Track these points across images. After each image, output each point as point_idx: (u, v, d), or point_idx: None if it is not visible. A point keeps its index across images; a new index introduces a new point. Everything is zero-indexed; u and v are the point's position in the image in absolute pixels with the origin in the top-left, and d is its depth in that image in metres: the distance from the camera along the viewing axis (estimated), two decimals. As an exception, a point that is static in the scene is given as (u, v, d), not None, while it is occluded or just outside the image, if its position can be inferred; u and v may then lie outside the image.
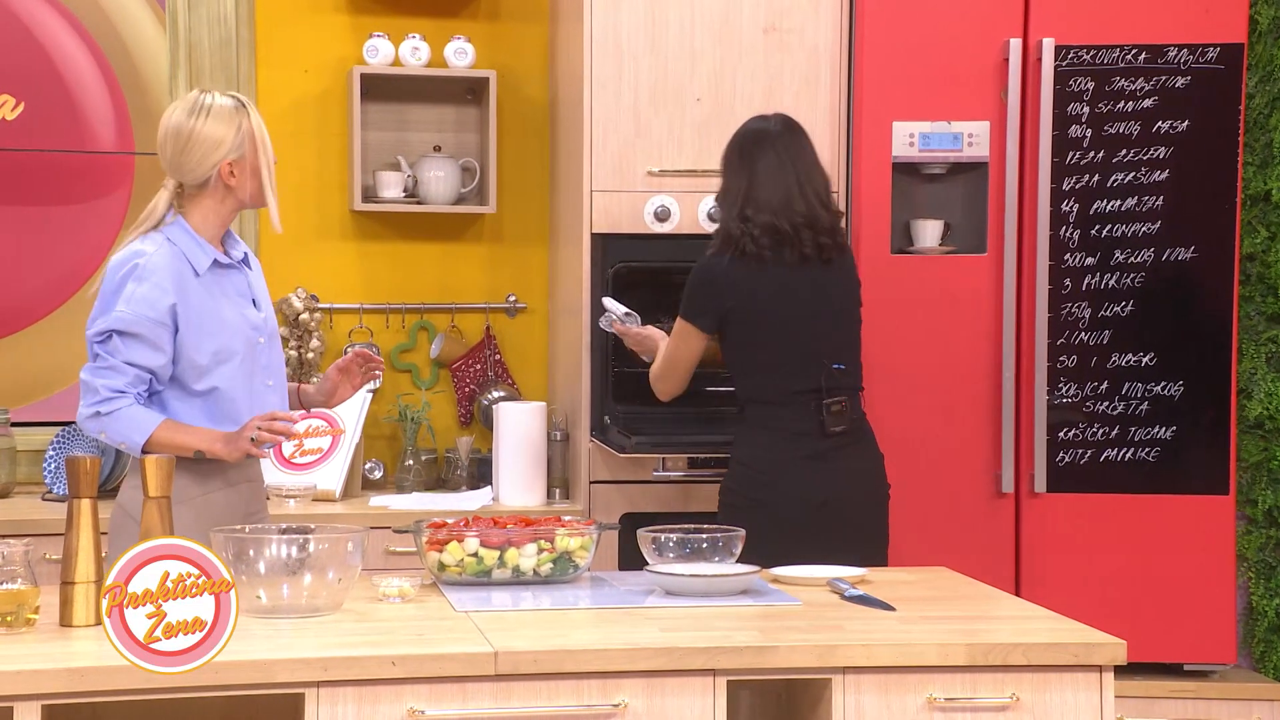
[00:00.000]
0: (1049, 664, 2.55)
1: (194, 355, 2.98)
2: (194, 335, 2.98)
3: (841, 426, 3.46)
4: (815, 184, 3.50)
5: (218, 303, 3.03)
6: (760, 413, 3.49)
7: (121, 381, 2.94)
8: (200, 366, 2.99)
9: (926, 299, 4.08)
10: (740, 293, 3.46)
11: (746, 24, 4.11)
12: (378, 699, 2.40)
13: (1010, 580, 4.03)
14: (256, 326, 3.09)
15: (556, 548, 2.94)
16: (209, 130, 2.99)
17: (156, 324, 2.94)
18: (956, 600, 2.95)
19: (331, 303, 4.49)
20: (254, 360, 3.07)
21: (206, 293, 3.01)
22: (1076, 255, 4.06)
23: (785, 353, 3.47)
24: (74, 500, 2.60)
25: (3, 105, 4.35)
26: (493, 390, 4.46)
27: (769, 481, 3.43)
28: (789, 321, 3.47)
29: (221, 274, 3.06)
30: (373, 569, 3.08)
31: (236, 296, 3.08)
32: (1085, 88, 4.04)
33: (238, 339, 3.04)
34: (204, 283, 3.01)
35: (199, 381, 3.00)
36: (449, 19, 4.50)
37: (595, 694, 2.46)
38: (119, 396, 2.94)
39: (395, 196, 4.41)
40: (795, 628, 2.64)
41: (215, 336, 3.00)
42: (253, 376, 3.07)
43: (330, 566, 2.65)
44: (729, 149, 3.55)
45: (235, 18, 4.34)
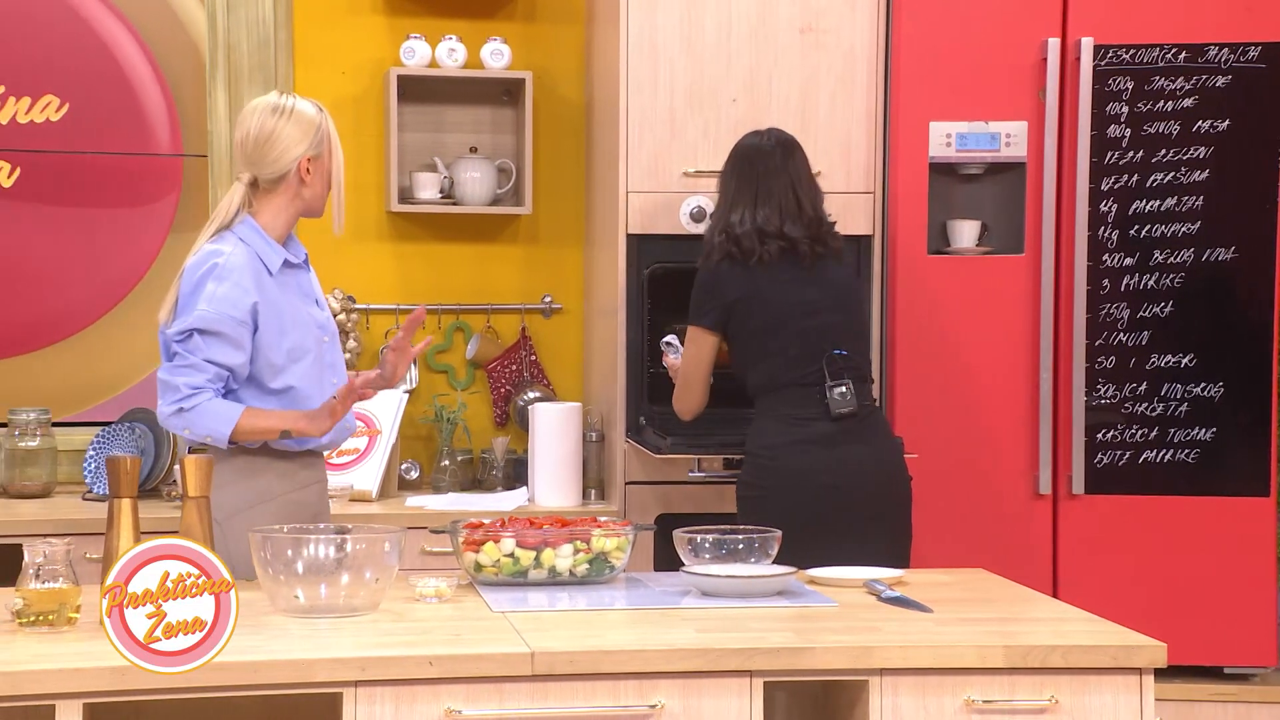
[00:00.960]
0: (1088, 666, 2.54)
1: (271, 354, 3.04)
2: (272, 334, 3.04)
3: (847, 409, 3.48)
4: (801, 196, 3.58)
5: (291, 301, 3.10)
6: (767, 402, 3.56)
7: (201, 379, 2.98)
8: (276, 365, 3.05)
9: (963, 300, 4.07)
10: (737, 288, 3.55)
11: (782, 24, 4.10)
12: (415, 699, 2.40)
13: (1048, 582, 4.01)
14: (322, 325, 3.16)
15: (592, 548, 2.94)
16: (293, 126, 3.07)
17: (238, 323, 2.99)
18: (994, 602, 2.94)
19: (368, 303, 4.50)
20: (322, 359, 3.13)
21: (280, 291, 3.07)
22: (1115, 256, 4.04)
23: (786, 340, 3.53)
24: (114, 500, 2.62)
25: (46, 106, 4.37)
26: (528, 391, 4.47)
27: (777, 467, 3.48)
28: (786, 310, 3.53)
29: (290, 274, 3.13)
30: (409, 569, 3.08)
31: (303, 296, 3.15)
32: (1124, 87, 4.02)
33: (309, 338, 3.11)
34: (277, 282, 3.08)
35: (275, 380, 3.06)
36: (485, 20, 4.51)
37: (632, 694, 2.46)
38: (198, 392, 2.97)
39: (431, 198, 4.42)
40: (832, 629, 2.64)
41: (290, 335, 3.07)
42: (322, 375, 3.13)
43: (368, 566, 2.66)
44: (724, 165, 3.66)
45: (274, 19, 4.37)
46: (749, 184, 3.58)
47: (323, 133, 3.11)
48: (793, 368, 3.53)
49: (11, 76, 4.37)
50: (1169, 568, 4.03)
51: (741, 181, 3.59)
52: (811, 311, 3.53)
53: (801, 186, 3.58)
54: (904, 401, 4.01)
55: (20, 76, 4.37)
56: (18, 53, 4.38)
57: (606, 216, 4.25)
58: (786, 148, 3.61)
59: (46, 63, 4.39)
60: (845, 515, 3.44)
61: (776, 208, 3.55)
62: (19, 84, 4.37)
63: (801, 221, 3.55)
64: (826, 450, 3.48)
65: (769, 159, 3.58)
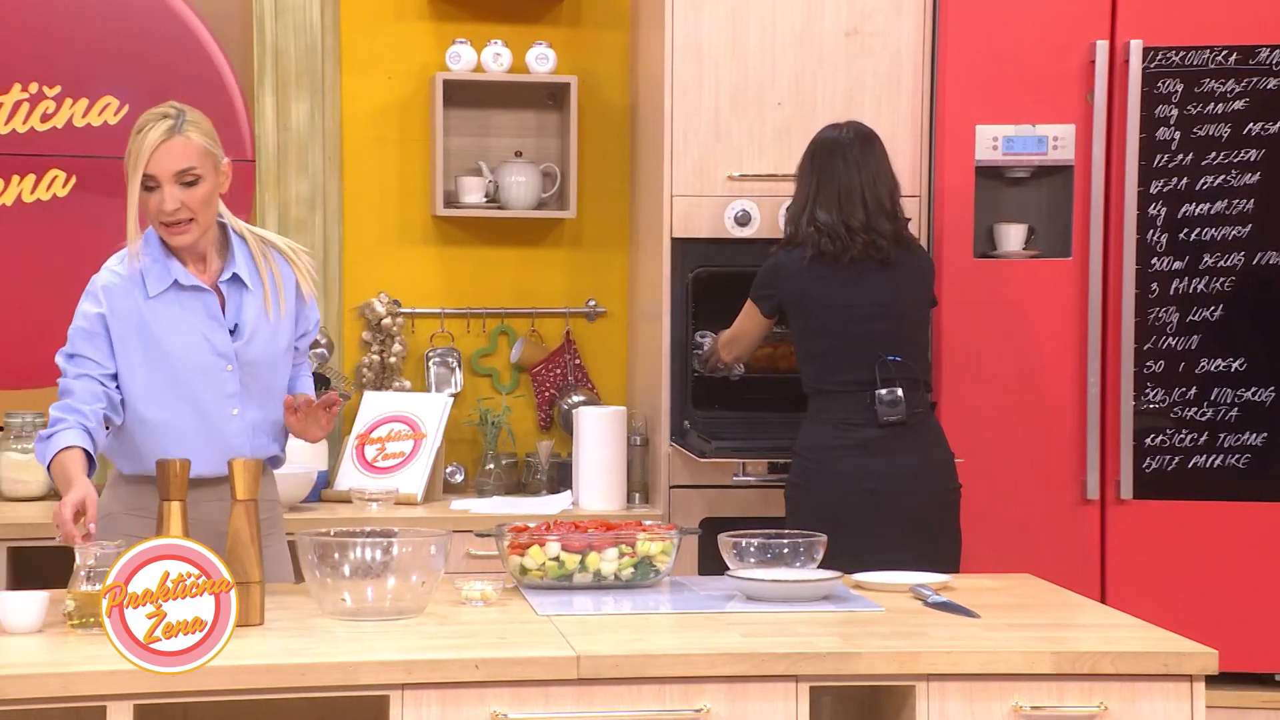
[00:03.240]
0: (1138, 673, 2.52)
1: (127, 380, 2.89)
2: (127, 359, 2.87)
3: (895, 417, 3.47)
4: (879, 190, 3.58)
5: (172, 328, 2.89)
6: (818, 403, 3.58)
7: (65, 403, 2.83)
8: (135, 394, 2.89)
9: (1010, 303, 4.04)
10: (798, 286, 3.57)
11: (828, 27, 4.09)
12: (461, 702, 2.41)
13: (1096, 588, 3.98)
14: (223, 353, 2.91)
15: (637, 552, 2.94)
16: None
17: (89, 333, 2.87)
18: (1042, 607, 2.92)
19: (413, 307, 4.52)
20: (222, 389, 2.92)
21: (157, 314, 2.89)
22: (1164, 259, 4.01)
23: (839, 343, 3.53)
24: (164, 503, 2.63)
25: (105, 108, 4.38)
26: (572, 394, 4.47)
27: (818, 469, 3.50)
28: (843, 314, 3.53)
29: (184, 296, 2.90)
30: (454, 572, 3.09)
31: (203, 320, 2.91)
32: (1174, 89, 3.98)
33: (190, 366, 2.89)
34: (160, 303, 2.89)
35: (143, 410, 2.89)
36: (531, 25, 4.52)
37: (677, 699, 2.46)
38: (57, 423, 2.81)
39: (476, 202, 4.43)
40: (878, 634, 2.62)
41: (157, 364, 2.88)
42: (217, 406, 2.91)
43: (414, 569, 2.66)
44: (803, 156, 3.66)
45: (320, 25, 4.39)
46: (830, 179, 3.57)
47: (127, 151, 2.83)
48: (843, 370, 3.53)
49: (69, 77, 4.33)
50: (1218, 574, 4.00)
51: (823, 176, 3.58)
52: (867, 317, 3.53)
53: (881, 181, 3.58)
54: (950, 406, 3.99)
55: (78, 77, 4.33)
56: (75, 52, 4.33)
57: (651, 220, 4.25)
58: (866, 140, 3.60)
59: (105, 62, 4.34)
60: (884, 521, 3.44)
61: (859, 203, 3.55)
62: (77, 85, 4.33)
63: (884, 216, 3.56)
64: (869, 456, 3.47)
65: (848, 151, 3.58)
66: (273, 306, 2.95)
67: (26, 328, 4.31)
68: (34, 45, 4.34)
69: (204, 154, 2.85)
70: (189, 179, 2.83)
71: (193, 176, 2.83)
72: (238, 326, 2.93)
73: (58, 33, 4.35)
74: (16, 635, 2.52)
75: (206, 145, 2.86)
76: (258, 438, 2.97)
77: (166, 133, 2.81)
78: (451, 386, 4.48)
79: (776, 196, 4.05)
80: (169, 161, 2.81)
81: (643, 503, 4.23)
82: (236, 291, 2.94)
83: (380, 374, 4.43)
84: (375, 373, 4.43)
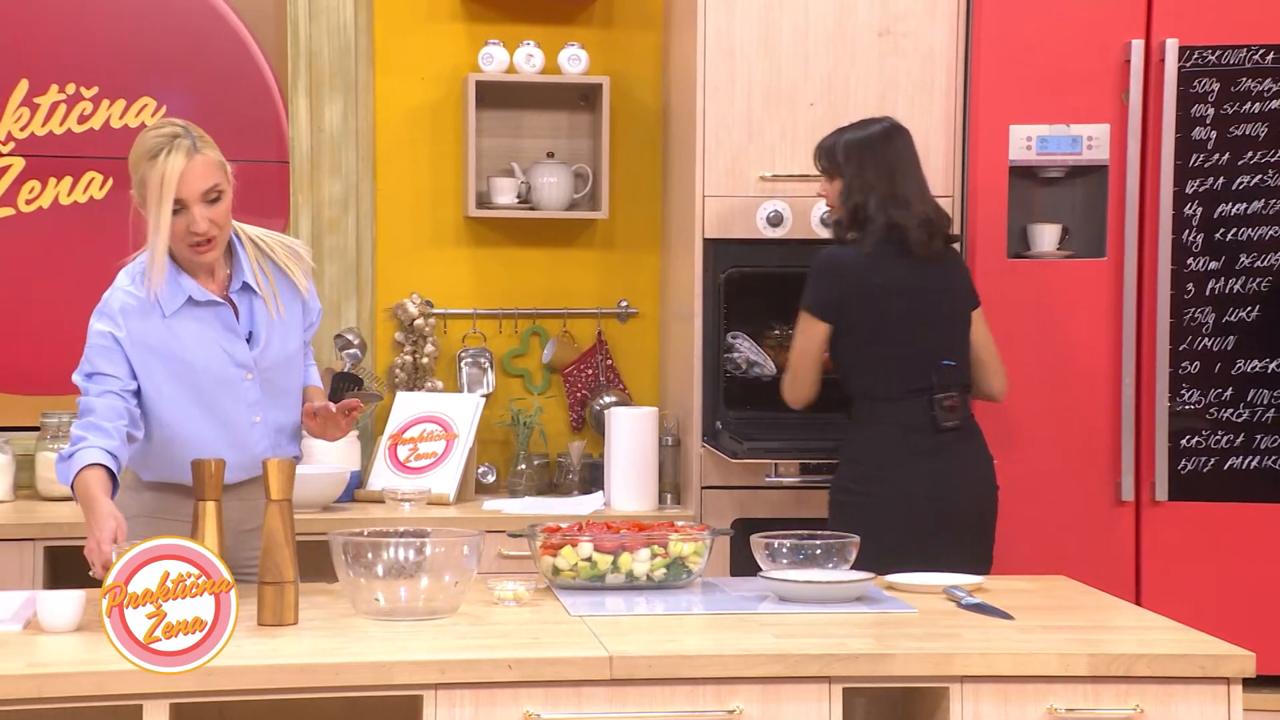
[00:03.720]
0: (1174, 675, 2.50)
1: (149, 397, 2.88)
2: (149, 378, 2.86)
3: (953, 422, 3.47)
4: (926, 186, 3.58)
5: (188, 343, 2.88)
6: (872, 409, 3.51)
7: (86, 420, 2.82)
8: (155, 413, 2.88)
9: (1043, 304, 4.03)
10: (859, 283, 3.50)
11: (861, 27, 4.08)
12: (494, 701, 2.41)
13: (1131, 590, 3.96)
14: (243, 364, 2.91)
15: (670, 553, 2.94)
16: (132, 152, 2.90)
17: (106, 349, 2.85)
18: (1077, 609, 2.90)
19: (446, 308, 4.53)
20: (245, 397, 2.92)
21: (173, 332, 2.88)
22: (1200, 259, 3.98)
23: (899, 348, 3.49)
24: (199, 503, 2.65)
25: (143, 109, 4.41)
26: (604, 395, 4.48)
27: (884, 477, 3.45)
28: (904, 316, 3.50)
29: (199, 310, 2.90)
30: (486, 573, 3.10)
31: (220, 333, 2.91)
32: (1210, 89, 3.96)
33: (209, 378, 2.89)
34: (174, 322, 2.88)
35: (159, 424, 2.88)
36: (563, 26, 4.52)
37: (710, 699, 2.46)
38: (78, 442, 2.80)
39: (509, 203, 4.44)
40: (912, 635, 2.61)
41: (177, 378, 2.88)
42: (238, 414, 2.92)
43: (447, 569, 2.67)
44: (852, 146, 3.56)
45: (354, 26, 4.40)
46: (893, 167, 3.50)
47: (141, 175, 2.82)
48: (903, 376, 3.48)
49: (107, 78, 4.34)
50: (1255, 576, 3.97)
51: (882, 164, 3.50)
52: (925, 319, 3.50)
53: (923, 177, 3.57)
54: (984, 407, 3.96)
55: (116, 78, 4.33)
56: (113, 53, 4.33)
57: (683, 221, 4.25)
58: (906, 134, 3.58)
59: (144, 63, 4.34)
60: (944, 528, 3.43)
61: (921, 194, 3.52)
62: (115, 86, 4.34)
63: (928, 215, 3.52)
64: (932, 462, 3.45)
65: (903, 141, 3.54)
66: (274, 308, 2.95)
67: (63, 332, 4.31)
68: (72, 46, 4.34)
69: (221, 168, 2.86)
70: (213, 196, 2.83)
71: (216, 193, 2.84)
72: (253, 334, 2.93)
73: (96, 33, 4.35)
74: (54, 634, 2.54)
75: (220, 158, 2.87)
76: (279, 441, 2.98)
77: (188, 154, 2.79)
78: (484, 387, 4.49)
79: (809, 197, 4.04)
80: (195, 183, 2.80)
81: (674, 503, 4.22)
82: (247, 300, 2.94)
83: (413, 374, 4.45)
84: (408, 373, 4.44)
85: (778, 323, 4.27)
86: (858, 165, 3.53)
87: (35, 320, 4.37)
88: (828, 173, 3.59)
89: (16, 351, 4.37)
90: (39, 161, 4.35)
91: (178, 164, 2.78)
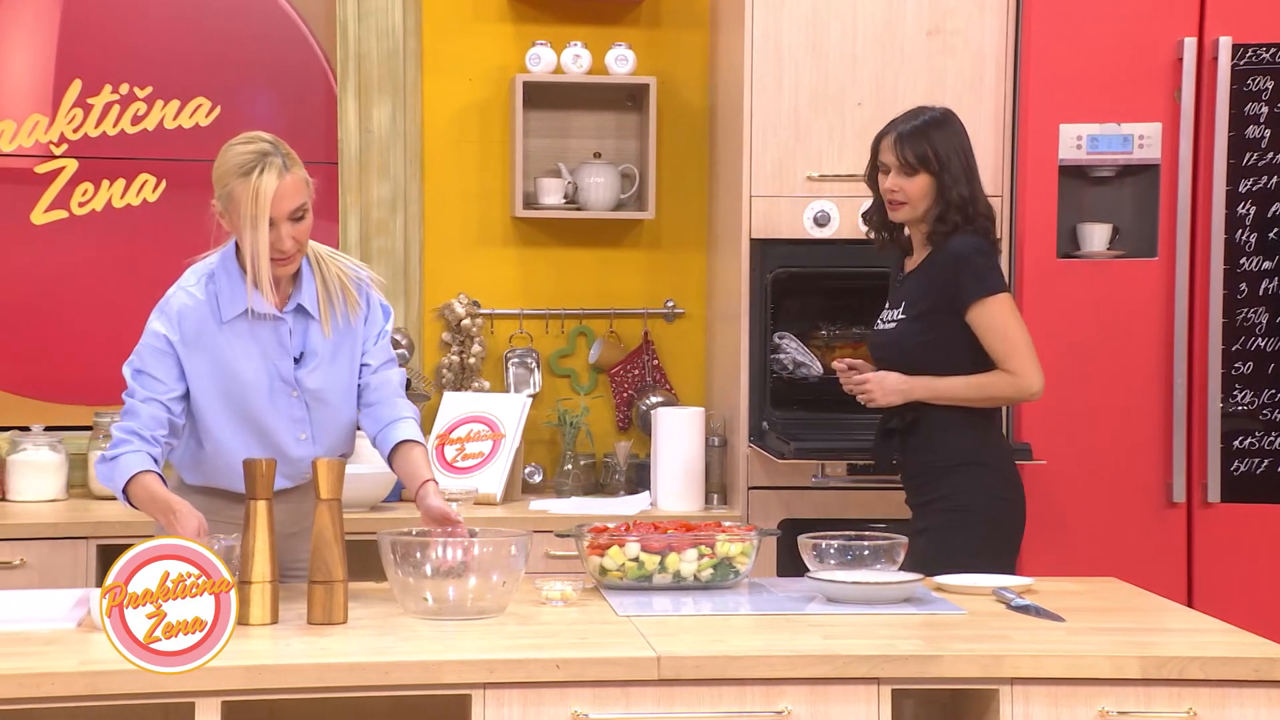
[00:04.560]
0: (1228, 679, 2.48)
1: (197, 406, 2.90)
2: (197, 383, 2.88)
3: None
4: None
5: (234, 355, 2.89)
6: (992, 413, 3.36)
7: (133, 424, 2.84)
8: (203, 424, 2.91)
9: (1093, 304, 4.00)
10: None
11: (909, 27, 4.07)
12: (542, 701, 2.42)
13: (1182, 592, 3.93)
14: (287, 379, 2.92)
15: (717, 553, 2.94)
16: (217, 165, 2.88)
17: (160, 352, 2.87)
18: (1128, 611, 2.88)
19: (492, 308, 4.54)
20: (289, 413, 2.93)
21: (226, 341, 2.89)
22: (1253, 259, 3.95)
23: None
24: (250, 502, 2.66)
25: (197, 109, 4.43)
26: (651, 395, 4.48)
27: (1017, 480, 3.35)
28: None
29: (254, 324, 2.90)
30: (533, 572, 3.10)
31: (274, 347, 2.92)
32: (1264, 87, 3.92)
33: (255, 391, 2.90)
34: (230, 329, 2.90)
35: (205, 437, 2.91)
36: (610, 26, 4.53)
37: (758, 700, 2.45)
38: (123, 443, 2.83)
39: (555, 203, 4.45)
40: (961, 637, 2.60)
41: (224, 389, 2.89)
42: (279, 429, 2.92)
43: (495, 569, 2.68)
44: (944, 139, 3.29)
45: (403, 28, 4.42)
46: (972, 162, 3.32)
47: (229, 190, 2.80)
48: None
49: (160, 78, 4.36)
50: (1309, 579, 3.93)
51: (970, 159, 3.30)
52: None
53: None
54: (1033, 407, 3.95)
55: (170, 78, 4.35)
56: (167, 52, 4.34)
57: (729, 221, 4.25)
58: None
59: (198, 63, 4.35)
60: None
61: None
62: (168, 86, 4.36)
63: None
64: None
65: (963, 129, 3.34)
66: (327, 329, 2.95)
67: (115, 334, 4.34)
68: (125, 46, 4.36)
69: (306, 186, 2.87)
70: (299, 215, 2.85)
71: (302, 212, 2.85)
72: (303, 355, 2.94)
73: (150, 33, 4.37)
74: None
75: (305, 176, 2.88)
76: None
77: (279, 174, 2.80)
78: (530, 387, 4.50)
79: (856, 197, 4.03)
80: (285, 202, 2.81)
81: (721, 504, 4.22)
82: (302, 320, 2.95)
83: (460, 375, 4.46)
84: (455, 373, 4.46)
85: (824, 323, 4.27)
86: (963, 159, 3.29)
87: (88, 323, 4.40)
88: (912, 167, 3.27)
89: (69, 353, 4.41)
90: (92, 163, 4.38)
91: (270, 184, 2.79)
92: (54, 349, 4.42)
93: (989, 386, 3.27)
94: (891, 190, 3.33)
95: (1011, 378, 3.25)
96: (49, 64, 4.35)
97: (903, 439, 3.33)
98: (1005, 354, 3.24)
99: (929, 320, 3.29)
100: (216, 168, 2.85)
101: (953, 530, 3.24)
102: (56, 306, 4.42)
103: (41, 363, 4.41)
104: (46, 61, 4.35)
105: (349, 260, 3.06)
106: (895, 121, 3.37)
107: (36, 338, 4.41)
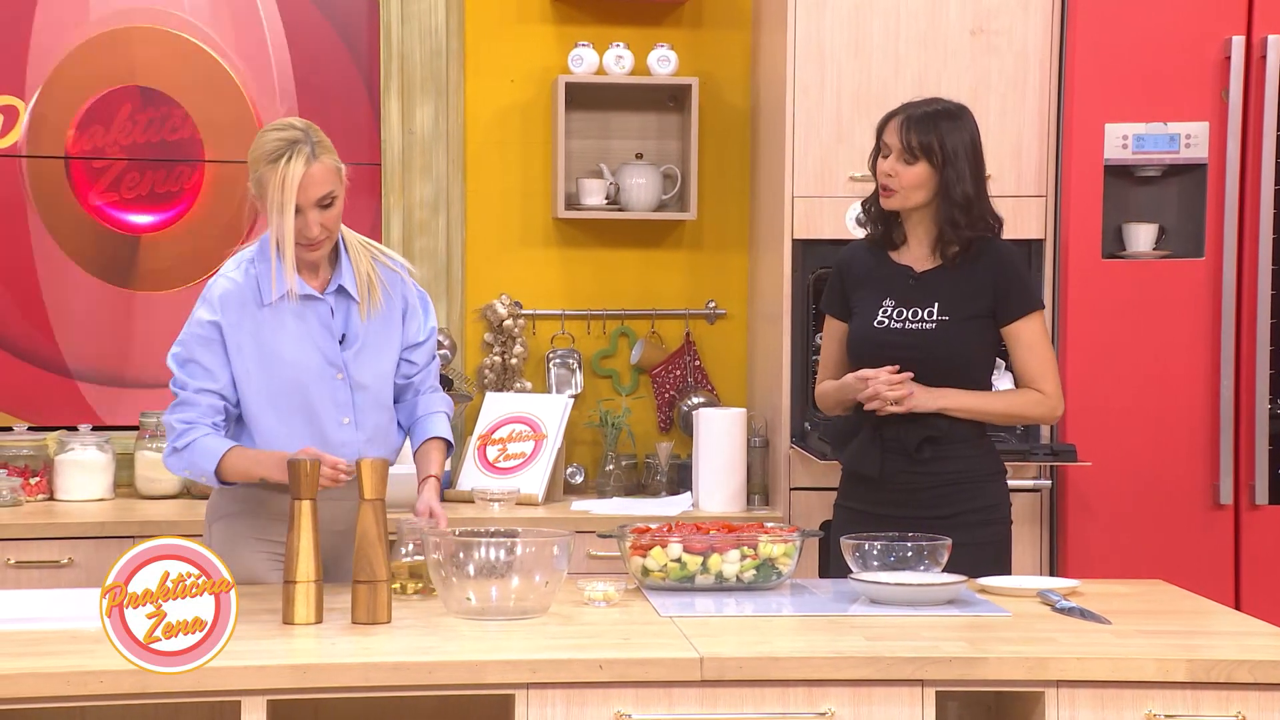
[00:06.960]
0: (1278, 683, 2.45)
1: (243, 391, 2.94)
2: (242, 369, 2.92)
3: None
4: None
5: (278, 338, 2.93)
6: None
7: (193, 413, 2.90)
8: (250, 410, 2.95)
9: (1139, 305, 3.97)
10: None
11: (953, 26, 4.05)
12: (585, 701, 2.42)
13: (1230, 595, 3.89)
14: (332, 361, 2.96)
15: (759, 554, 2.93)
16: (253, 150, 2.91)
17: (205, 340, 2.90)
18: (1175, 614, 2.86)
19: (534, 309, 4.55)
20: (333, 397, 2.96)
21: (270, 323, 2.93)
22: (1303, 259, 3.91)
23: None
24: (295, 502, 2.68)
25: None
26: (692, 396, 4.47)
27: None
28: None
29: (299, 306, 2.93)
30: (575, 573, 3.11)
31: (317, 329, 2.96)
32: (1313, 85, 3.88)
33: (303, 375, 2.93)
34: (273, 311, 2.93)
35: (253, 423, 2.94)
36: (652, 27, 4.53)
37: (801, 701, 2.45)
38: (190, 428, 2.89)
39: (597, 204, 4.45)
40: (1005, 639, 2.59)
41: (269, 372, 2.93)
42: (324, 415, 2.96)
43: (537, 570, 2.68)
44: (964, 128, 3.17)
45: (445, 30, 4.43)
46: (980, 159, 3.18)
47: (259, 175, 2.84)
48: None
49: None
50: (1358, 583, 3.89)
51: (978, 153, 3.15)
52: None
53: None
54: (1076, 408, 3.92)
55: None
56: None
57: (771, 221, 4.24)
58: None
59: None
60: None
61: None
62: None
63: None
64: None
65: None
66: (366, 312, 2.98)
67: (163, 334, 4.37)
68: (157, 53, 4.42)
69: (336, 174, 2.90)
70: (327, 202, 2.88)
71: (330, 199, 2.88)
72: (345, 336, 2.97)
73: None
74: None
75: (337, 164, 2.90)
76: (369, 448, 2.99)
77: (307, 161, 2.83)
78: (572, 388, 4.50)
79: (899, 197, 4.01)
80: (313, 190, 2.85)
81: (762, 505, 4.21)
82: (344, 302, 2.98)
83: (501, 375, 4.47)
84: (496, 374, 4.47)
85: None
86: (970, 157, 3.15)
87: (136, 323, 4.44)
88: (913, 153, 3.12)
89: (114, 352, 4.45)
90: (139, 166, 4.43)
91: (297, 172, 2.82)
92: (101, 347, 4.45)
93: (1020, 405, 3.15)
94: (886, 174, 3.16)
95: (1042, 398, 3.14)
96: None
97: (934, 448, 3.16)
98: (1041, 374, 3.13)
99: (977, 325, 3.15)
100: (251, 152, 2.90)
101: (990, 541, 3.18)
102: (102, 306, 4.44)
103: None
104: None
105: (387, 253, 3.10)
106: (907, 105, 3.22)
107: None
